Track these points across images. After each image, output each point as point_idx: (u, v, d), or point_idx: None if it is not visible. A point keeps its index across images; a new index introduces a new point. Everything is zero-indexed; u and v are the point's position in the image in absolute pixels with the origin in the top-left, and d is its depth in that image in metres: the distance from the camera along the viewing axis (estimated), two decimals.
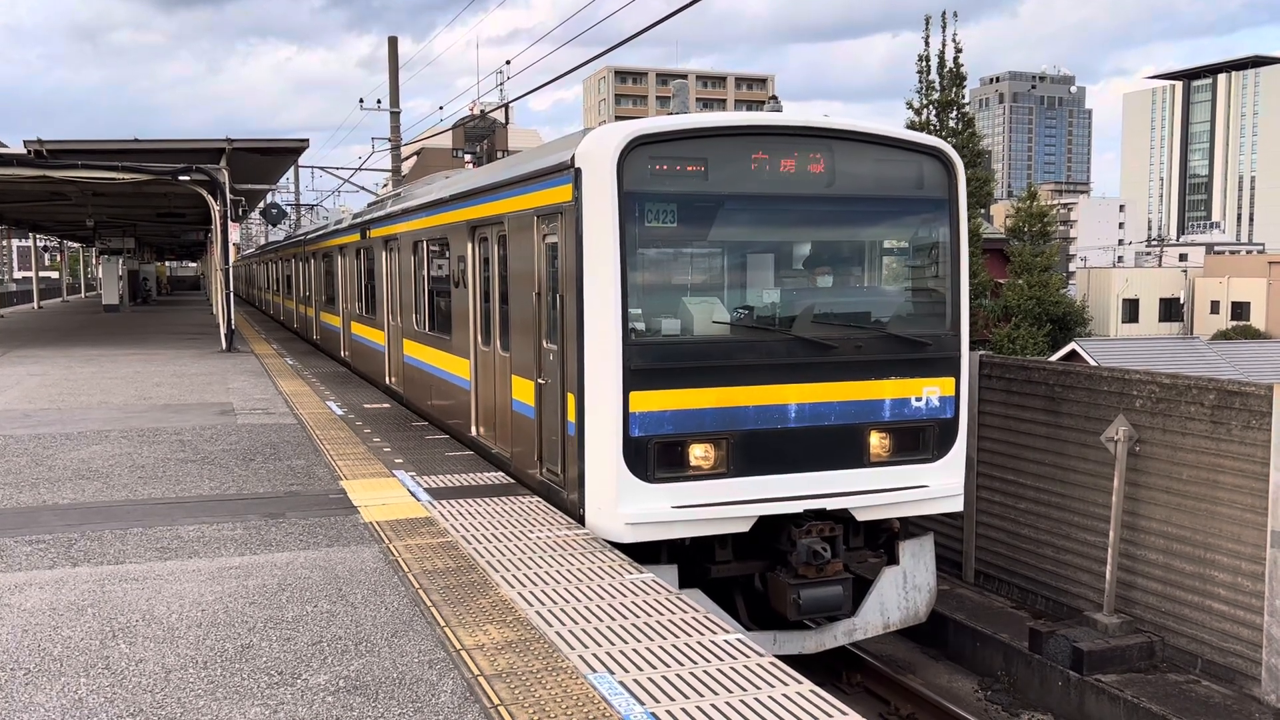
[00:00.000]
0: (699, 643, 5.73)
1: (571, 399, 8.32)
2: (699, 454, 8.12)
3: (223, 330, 25.36)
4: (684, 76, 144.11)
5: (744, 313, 8.65)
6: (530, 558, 7.37)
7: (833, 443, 8.43)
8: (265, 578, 7.02)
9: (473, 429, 11.43)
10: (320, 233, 26.36)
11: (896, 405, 8.63)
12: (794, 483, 8.31)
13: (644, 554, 7.86)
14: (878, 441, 8.59)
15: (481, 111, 41.79)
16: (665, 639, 5.79)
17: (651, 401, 7.94)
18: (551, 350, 8.81)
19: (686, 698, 5.04)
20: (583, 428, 8.16)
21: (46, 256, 73.42)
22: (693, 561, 8.47)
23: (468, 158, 41.25)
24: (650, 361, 7.97)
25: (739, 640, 5.77)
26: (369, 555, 7.52)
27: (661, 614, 6.20)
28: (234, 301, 26.10)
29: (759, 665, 5.41)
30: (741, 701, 4.99)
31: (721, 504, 8.11)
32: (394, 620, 6.16)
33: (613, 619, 6.12)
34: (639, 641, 5.76)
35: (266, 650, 5.73)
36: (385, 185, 42.13)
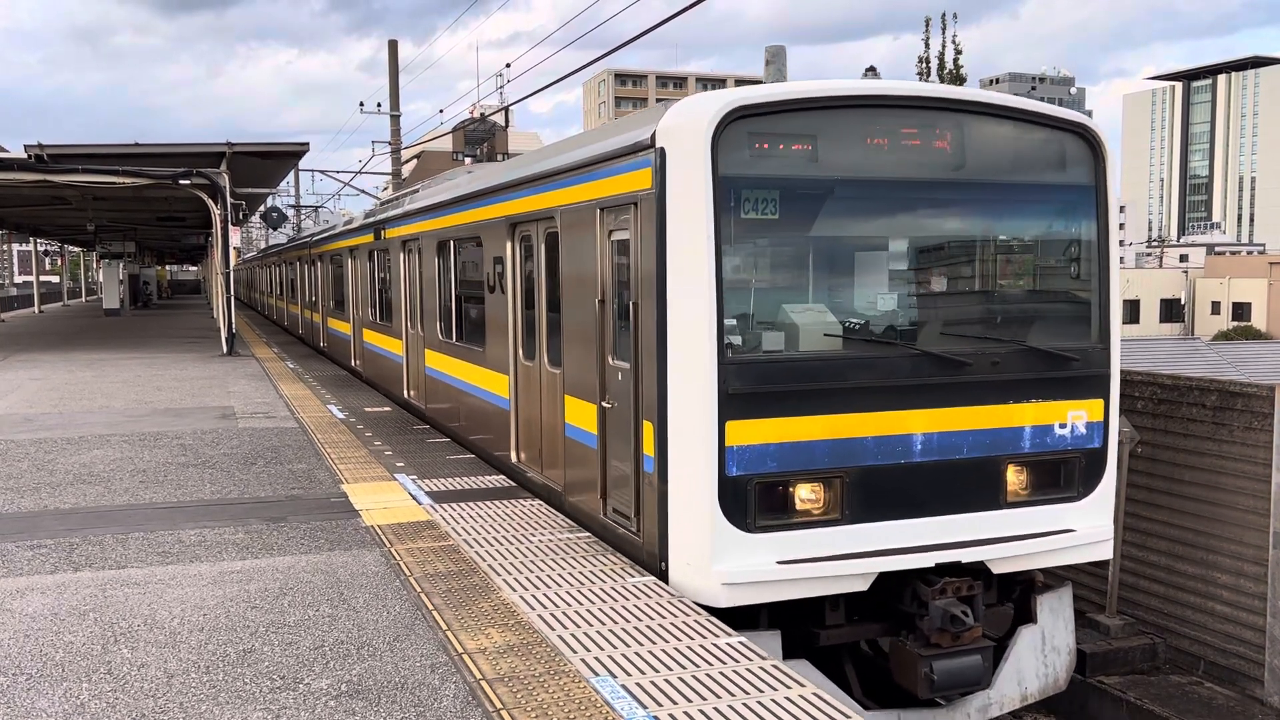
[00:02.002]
0: (701, 646, 5.72)
1: (649, 429, 7.02)
2: (808, 496, 6.81)
3: (223, 334, 25.37)
4: (684, 78, 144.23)
5: (858, 323, 7.30)
6: (532, 561, 7.37)
7: (965, 480, 7.10)
8: (267, 582, 7.02)
9: (512, 453, 10.18)
10: (328, 234, 24.94)
11: (1038, 433, 7.31)
12: (921, 530, 6.99)
13: (739, 616, 6.63)
14: (1016, 477, 7.28)
15: (482, 114, 41.80)
16: (668, 642, 5.78)
17: (752, 433, 6.63)
18: (620, 368, 7.57)
19: (690, 701, 5.03)
20: (665, 464, 6.85)
21: (47, 261, 73.42)
22: (794, 624, 7.09)
23: (468, 161, 41.23)
24: (750, 384, 6.62)
25: (741, 644, 5.76)
26: (370, 559, 7.52)
27: (664, 617, 6.19)
28: (235, 306, 26.11)
29: (762, 669, 5.41)
30: (745, 705, 4.98)
31: (836, 558, 6.76)
32: (396, 624, 6.15)
33: (615, 622, 6.11)
34: (641, 645, 5.75)
35: (268, 654, 5.72)
36: (385, 188, 42.14)
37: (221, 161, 23.57)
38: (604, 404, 7.81)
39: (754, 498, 6.64)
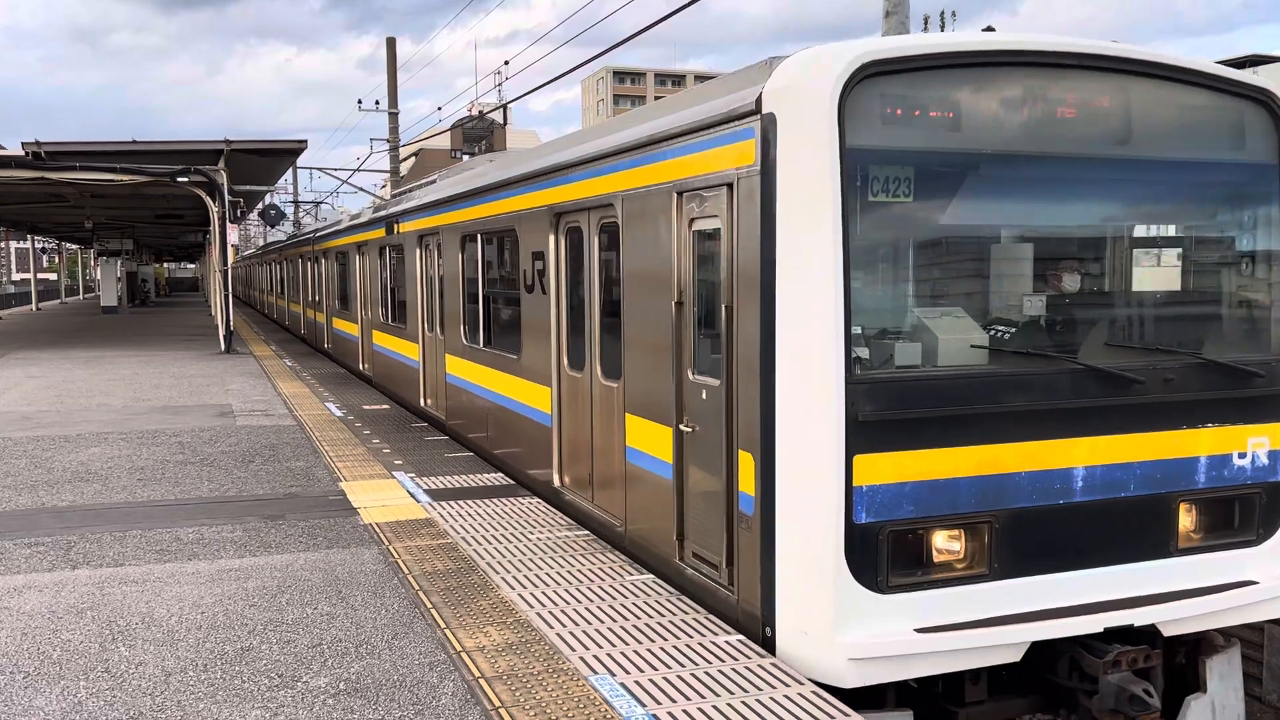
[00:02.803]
0: (700, 644, 5.71)
1: (747, 461, 5.82)
2: (951, 547, 5.64)
3: (221, 332, 25.35)
4: (682, 76, 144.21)
5: (1007, 332, 6.02)
6: (531, 559, 7.36)
7: (1132, 523, 5.92)
8: (265, 580, 7.01)
9: (554, 476, 8.99)
10: (333, 229, 23.49)
11: (1214, 465, 6.12)
12: (1082, 585, 5.79)
13: (862, 692, 5.51)
14: (1189, 519, 6.10)
15: (480, 112, 41.78)
16: (666, 640, 5.77)
17: (885, 469, 5.42)
18: (704, 385, 6.36)
19: (688, 699, 5.02)
20: (771, 505, 5.61)
21: (45, 258, 73.38)
22: (927, 701, 5.92)
23: (466, 159, 41.21)
24: (883, 408, 5.38)
25: (740, 641, 5.76)
26: (369, 557, 7.51)
27: (663, 615, 6.18)
28: (233, 304, 26.09)
29: (760, 666, 5.40)
30: (743, 703, 4.97)
31: (985, 623, 5.56)
32: (394, 622, 6.15)
33: (614, 620, 6.10)
34: (640, 643, 5.74)
35: (266, 653, 5.72)
36: (383, 186, 42.10)
37: (219, 159, 23.56)
38: (682, 427, 6.62)
39: (887, 549, 5.46)
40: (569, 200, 8.40)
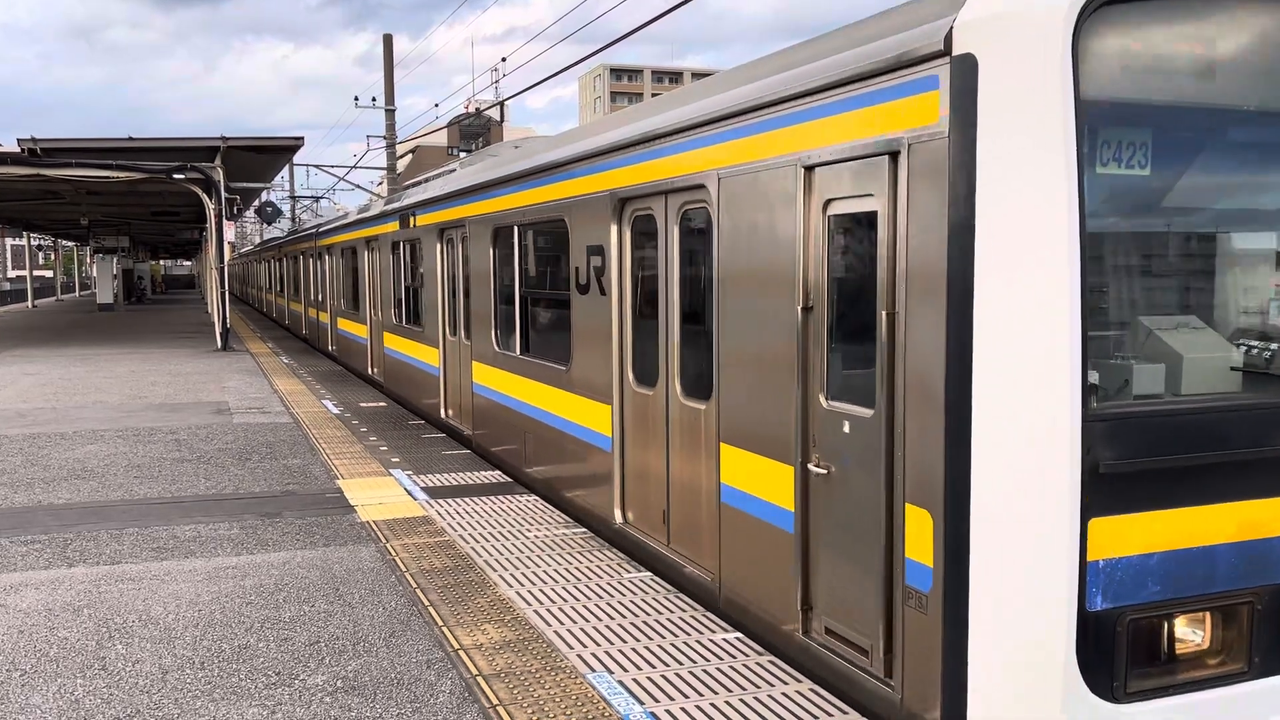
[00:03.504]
0: (698, 641, 5.71)
1: (920, 519, 4.47)
2: (1198, 636, 4.36)
3: (218, 329, 25.33)
4: (679, 74, 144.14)
5: (1260, 348, 4.66)
6: (528, 556, 7.35)
7: None
8: (262, 577, 7.00)
9: (615, 511, 7.76)
10: (339, 224, 21.97)
11: None
12: None
13: None
14: None
15: (477, 109, 41.74)
16: (664, 638, 5.77)
17: (1130, 536, 4.16)
18: (847, 416, 4.96)
19: (686, 697, 5.02)
20: (960, 582, 4.25)
21: (40, 255, 73.27)
22: None
23: (463, 155, 41.21)
24: (1130, 454, 4.11)
25: (738, 639, 5.75)
26: (366, 555, 7.50)
27: (660, 613, 6.18)
28: (230, 302, 26.07)
29: (758, 664, 5.40)
30: (741, 700, 4.97)
31: None
32: (391, 620, 6.14)
33: (611, 618, 6.10)
34: (638, 641, 5.74)
35: (264, 650, 5.71)
36: (380, 183, 42.07)
37: (216, 156, 23.53)
38: (813, 468, 5.22)
39: (1126, 644, 4.18)
40: (639, 183, 7.09)
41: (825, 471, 5.16)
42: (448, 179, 13.30)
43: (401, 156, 42.45)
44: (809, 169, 5.19)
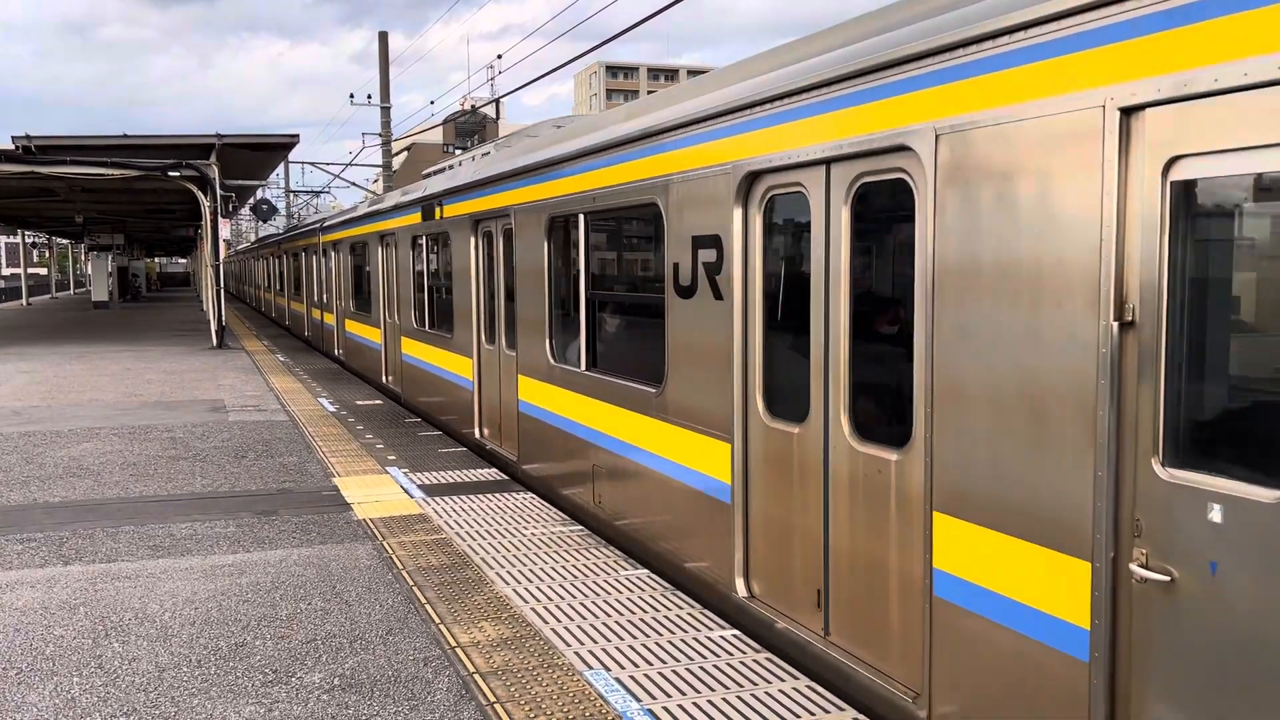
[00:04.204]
0: (695, 639, 5.71)
1: None
2: None
3: (213, 327, 25.29)
4: (675, 71, 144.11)
5: None
6: (525, 554, 7.35)
7: None
8: (259, 575, 6.99)
9: (738, 581, 6.14)
10: (346, 217, 20.42)
11: None
12: None
13: None
14: None
15: (473, 106, 41.70)
16: (661, 635, 5.77)
17: None
18: (1223, 496, 3.28)
19: (683, 694, 5.02)
20: None
21: (35, 253, 73.09)
22: None
23: (459, 153, 41.18)
24: None
25: (735, 636, 5.76)
26: (363, 552, 7.50)
27: (657, 610, 6.18)
28: (226, 301, 26.04)
29: (755, 661, 5.40)
30: (738, 698, 4.97)
31: None
32: (388, 618, 6.14)
33: (608, 615, 6.10)
34: (635, 638, 5.74)
35: (260, 648, 5.70)
36: (376, 181, 42.00)
37: (211, 153, 23.49)
38: (1137, 569, 3.54)
39: None
40: (783, 151, 5.42)
41: (1165, 578, 3.44)
42: (481, 164, 11.35)
43: (397, 154, 42.38)
44: (1130, 111, 3.51)
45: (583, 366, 8.32)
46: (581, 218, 8.26)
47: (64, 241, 68.97)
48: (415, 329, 14.18)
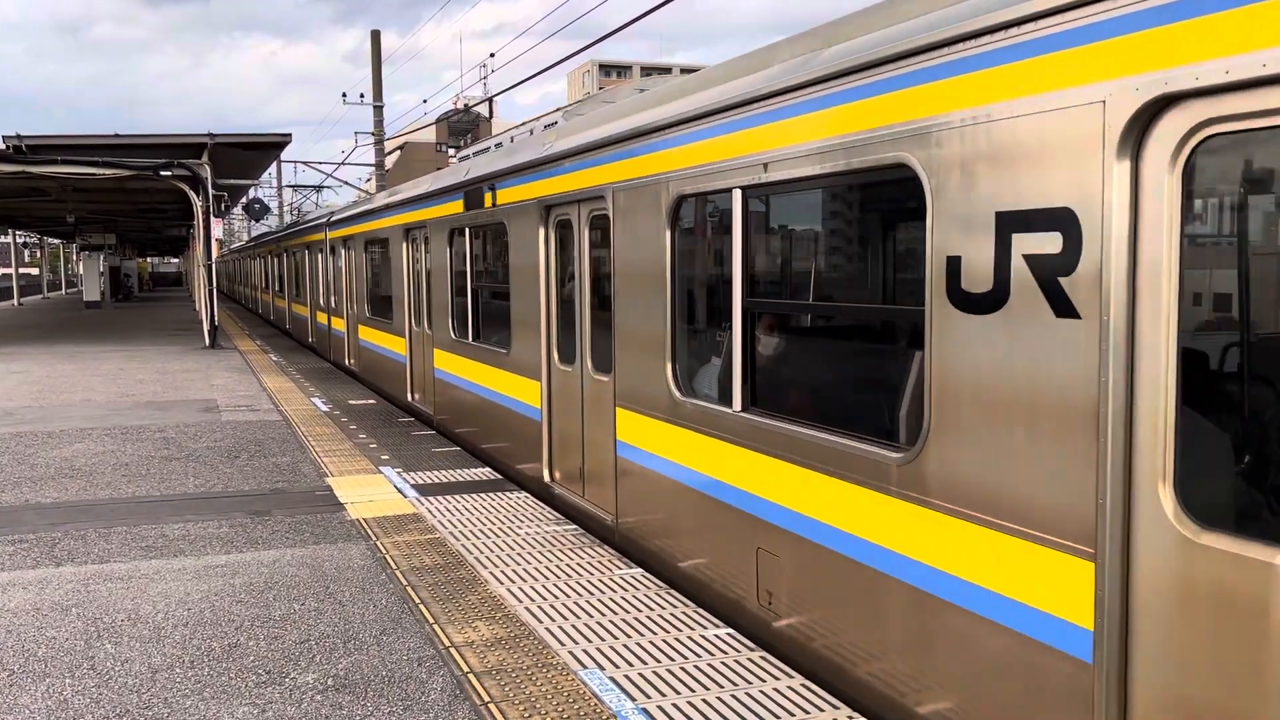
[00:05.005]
0: (689, 638, 5.71)
1: None
2: None
3: (206, 326, 25.24)
4: (669, 69, 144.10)
5: None
6: (519, 554, 7.34)
7: None
8: (252, 576, 6.98)
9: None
10: (362, 209, 18.08)
11: None
12: None
13: None
14: None
15: (465, 105, 41.64)
16: (655, 634, 5.77)
17: None
18: None
19: (678, 693, 5.02)
20: None
21: (26, 253, 72.84)
22: None
23: (452, 152, 41.13)
24: None
25: (730, 635, 5.76)
26: (356, 552, 7.48)
27: (651, 609, 6.18)
28: (220, 300, 25.97)
29: (750, 660, 5.40)
30: (733, 696, 4.97)
31: None
32: (382, 618, 6.12)
33: (603, 614, 6.10)
34: (629, 637, 5.74)
35: (254, 649, 5.69)
36: (368, 180, 41.93)
37: (203, 153, 23.45)
38: None
39: None
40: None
41: None
42: (548, 137, 9.09)
43: (390, 153, 42.31)
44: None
45: (736, 406, 5.97)
46: (737, 194, 5.83)
47: (56, 241, 68.76)
48: (454, 341, 11.85)
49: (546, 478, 9.10)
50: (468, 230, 11.15)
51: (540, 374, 9.00)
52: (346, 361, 19.51)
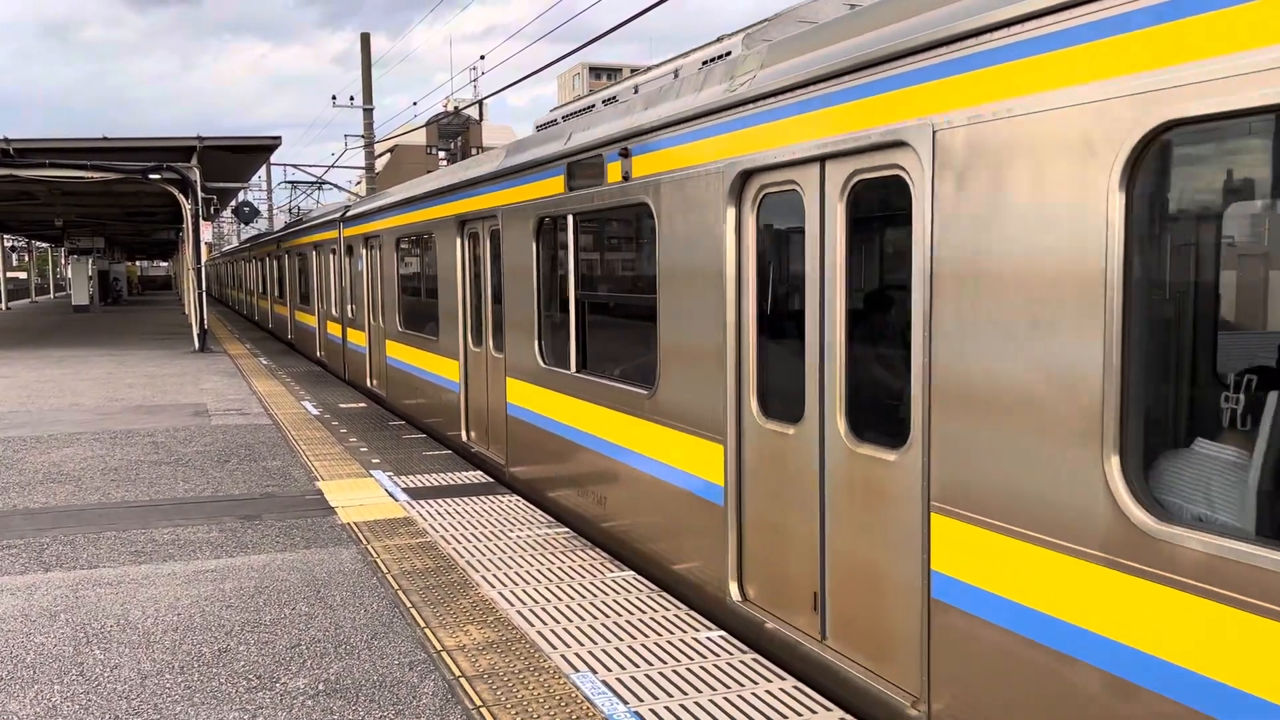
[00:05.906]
0: (681, 640, 5.70)
1: None
2: None
3: (195, 330, 25.15)
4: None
5: None
6: (510, 557, 7.33)
7: None
8: (242, 580, 6.94)
9: None
10: (391, 201, 14.64)
11: None
12: None
13: None
14: None
15: (455, 108, 41.60)
16: (647, 637, 5.76)
17: None
18: None
19: (670, 696, 5.01)
20: None
21: (14, 257, 72.52)
22: None
23: (442, 155, 41.06)
24: None
25: (721, 638, 5.75)
26: (347, 556, 7.46)
27: (643, 612, 6.17)
28: (209, 306, 25.89)
29: (741, 663, 5.40)
30: (725, 699, 4.97)
31: None
32: (373, 622, 6.10)
33: (594, 618, 6.09)
34: (621, 640, 5.73)
35: (244, 654, 5.66)
36: (358, 183, 41.85)
37: (192, 156, 23.37)
38: None
39: None
40: None
41: None
42: (715, 74, 6.15)
43: (380, 155, 42.24)
44: None
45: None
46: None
47: (44, 245, 68.45)
48: (544, 371, 8.75)
49: (734, 596, 6.07)
50: (570, 219, 8.18)
51: (726, 431, 6.02)
52: (368, 382, 16.46)
